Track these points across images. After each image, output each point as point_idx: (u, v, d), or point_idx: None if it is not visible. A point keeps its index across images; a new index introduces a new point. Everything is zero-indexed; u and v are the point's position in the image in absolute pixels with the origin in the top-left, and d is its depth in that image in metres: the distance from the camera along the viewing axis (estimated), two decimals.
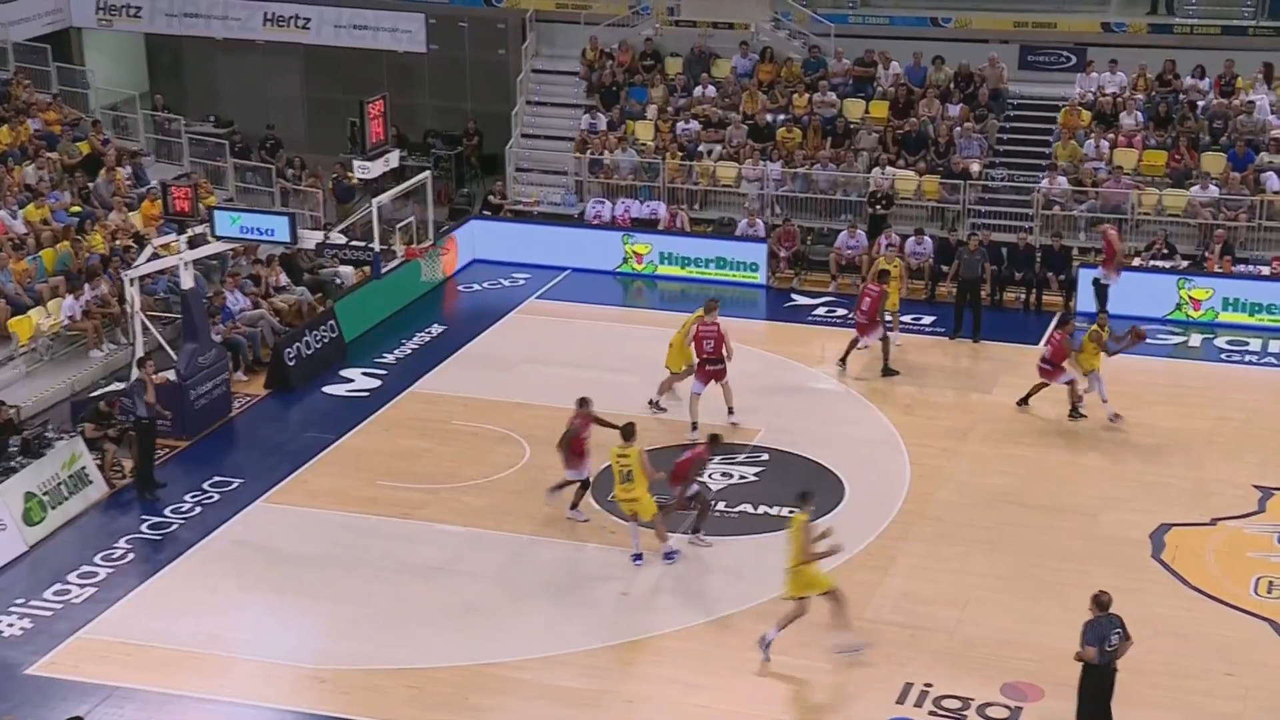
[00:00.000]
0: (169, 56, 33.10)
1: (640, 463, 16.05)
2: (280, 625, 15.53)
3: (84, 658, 14.97)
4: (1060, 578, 15.76)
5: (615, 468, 16.18)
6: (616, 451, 16.15)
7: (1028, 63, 28.25)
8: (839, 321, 23.45)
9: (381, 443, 19.66)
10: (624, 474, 16.10)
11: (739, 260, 25.47)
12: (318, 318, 22.72)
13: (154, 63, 33.30)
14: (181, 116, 29.40)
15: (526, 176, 28.96)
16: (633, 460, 16.03)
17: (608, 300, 25.14)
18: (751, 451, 19.06)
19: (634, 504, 16.17)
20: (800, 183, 26.89)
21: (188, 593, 16.15)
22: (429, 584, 16.14)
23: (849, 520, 17.30)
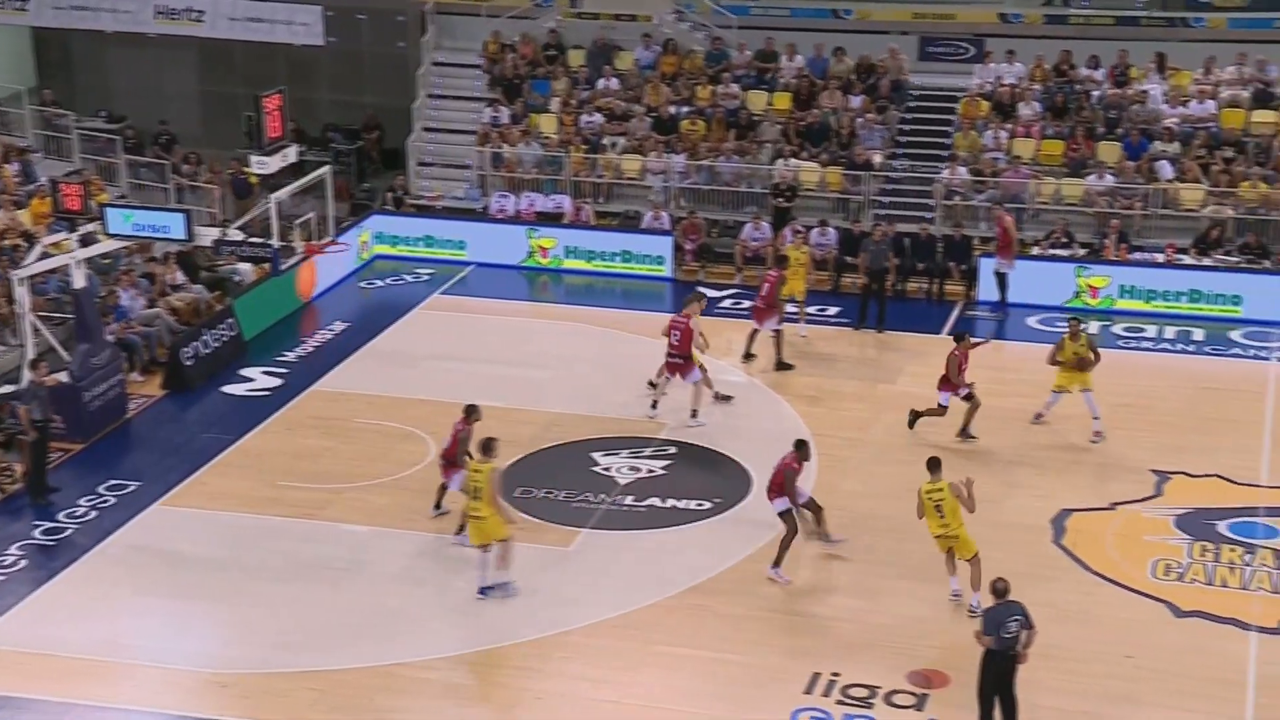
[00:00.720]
0: (57, 50, 32.39)
1: (490, 482, 15.22)
2: (180, 630, 15.28)
3: None
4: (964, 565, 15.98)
5: (468, 482, 15.56)
6: (472, 466, 15.53)
7: (927, 54, 28.62)
8: (745, 313, 23.54)
9: (283, 442, 19.43)
10: (473, 490, 15.38)
11: (644, 253, 25.52)
12: (215, 316, 22.38)
13: (42, 57, 32.57)
14: (71, 112, 28.79)
15: (429, 171, 28.76)
16: (483, 478, 15.24)
17: (513, 295, 25.06)
18: (659, 445, 19.10)
19: (479, 523, 15.36)
20: (705, 175, 26.99)
21: (84, 599, 15.84)
22: (333, 585, 15.97)
23: (756, 512, 17.42)
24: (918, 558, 16.26)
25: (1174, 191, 25.20)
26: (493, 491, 15.24)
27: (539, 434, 19.45)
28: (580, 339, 22.81)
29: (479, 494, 15.30)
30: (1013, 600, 13.08)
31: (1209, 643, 14.86)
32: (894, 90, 27.76)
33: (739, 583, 16.02)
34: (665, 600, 15.65)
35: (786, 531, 15.97)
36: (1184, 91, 26.73)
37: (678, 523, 17.25)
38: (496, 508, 15.29)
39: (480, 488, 15.28)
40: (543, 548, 16.73)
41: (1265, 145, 25.63)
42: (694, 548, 16.72)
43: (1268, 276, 23.48)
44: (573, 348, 22.46)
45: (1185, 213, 25.07)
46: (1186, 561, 16.30)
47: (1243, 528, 16.93)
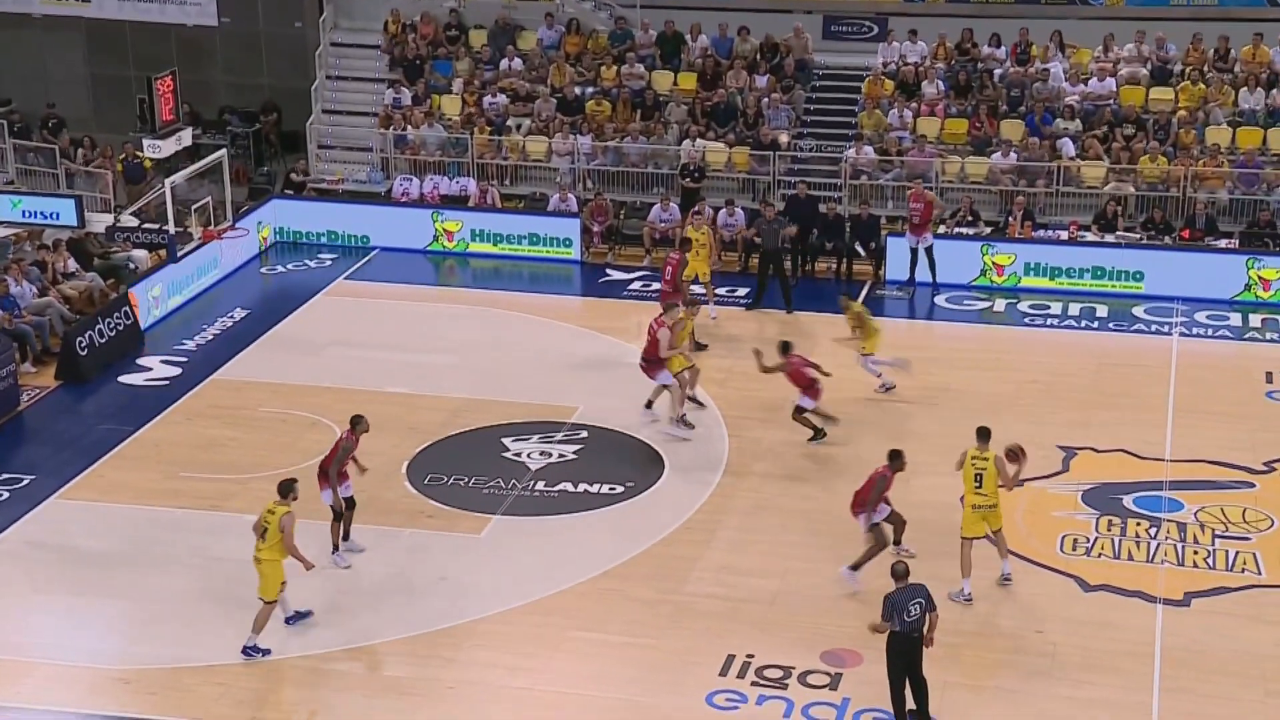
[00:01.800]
0: None
1: (282, 528, 14.17)
2: (79, 626, 15.00)
3: None
4: None
5: (259, 520, 14.37)
6: (268, 506, 14.39)
7: (831, 33, 28.82)
8: (654, 296, 23.55)
9: (184, 433, 19.12)
10: (262, 530, 14.30)
11: (552, 236, 25.45)
12: (111, 305, 21.94)
13: None
14: None
15: (329, 154, 28.42)
16: (274, 520, 14.20)
17: (419, 279, 24.87)
18: (570, 429, 19.07)
19: (258, 565, 14.31)
20: (611, 156, 26.96)
21: None
22: (237, 578, 15.72)
23: (669, 495, 17.49)
24: (828, 538, 16.41)
25: (1076, 169, 25.65)
26: (286, 538, 14.15)
27: (447, 420, 19.35)
28: (487, 323, 22.70)
29: (266, 535, 14.20)
30: (914, 583, 13.25)
31: (1117, 616, 15.18)
32: (799, 69, 27.92)
33: (652, 567, 16.07)
34: (578, 586, 15.66)
35: (874, 544, 15.29)
36: (1084, 69, 27.20)
37: (590, 507, 17.25)
38: (289, 553, 14.20)
39: (268, 528, 14.18)
40: (454, 535, 16.66)
41: (1164, 122, 26.16)
42: (606, 532, 16.74)
43: (1169, 252, 23.99)
44: (480, 332, 22.35)
45: (1088, 190, 25.53)
46: (1094, 536, 16.62)
47: (1148, 501, 17.31)
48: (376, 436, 18.71)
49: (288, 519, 14.23)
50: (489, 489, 17.63)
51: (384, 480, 17.76)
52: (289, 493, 14.44)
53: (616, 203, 26.39)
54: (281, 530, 14.19)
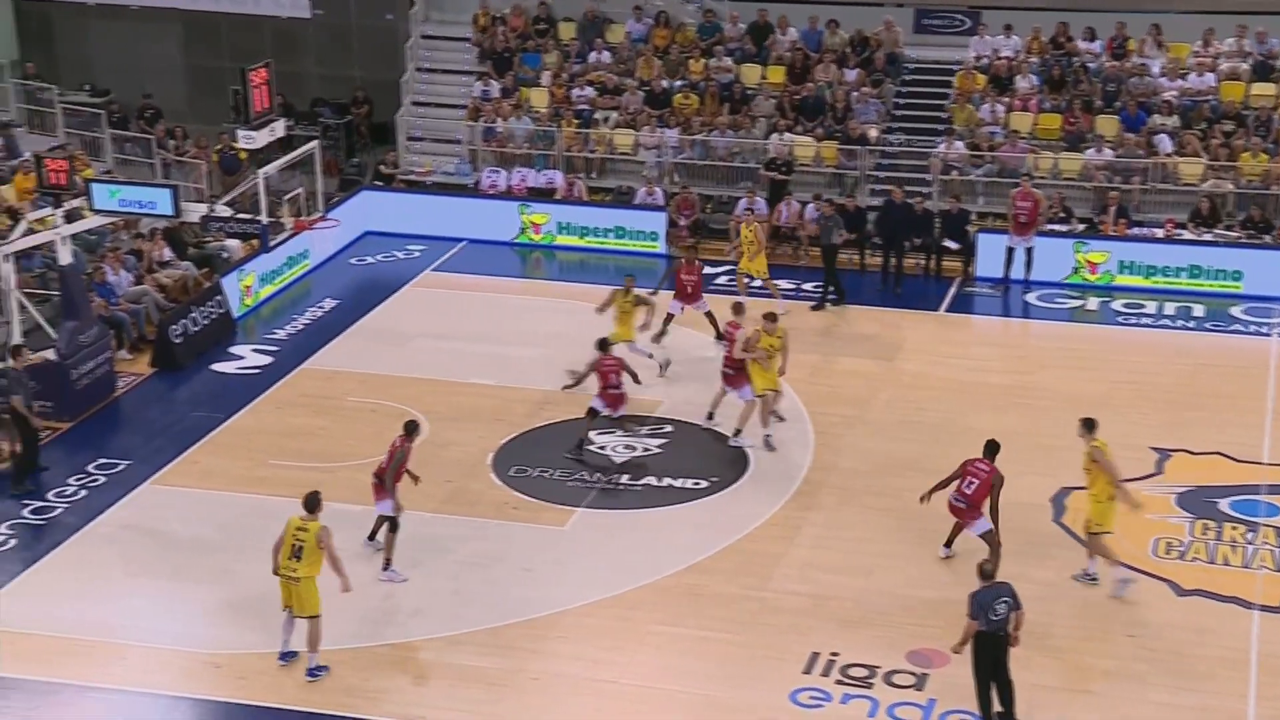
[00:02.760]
0: (38, 23, 32.16)
1: (319, 542, 13.81)
2: (171, 610, 15.28)
3: None
4: (963, 544, 16.00)
5: (288, 539, 13.89)
6: (296, 523, 13.94)
7: (922, 26, 28.54)
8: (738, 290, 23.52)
9: (274, 421, 19.40)
10: (294, 549, 13.86)
11: (638, 229, 25.49)
12: (204, 293, 22.31)
13: (23, 30, 32.33)
14: (55, 86, 28.62)
15: (419, 146, 28.66)
16: (309, 537, 13.81)
17: (505, 272, 25.03)
18: (655, 424, 19.09)
19: (293, 587, 13.90)
20: (698, 149, 26.93)
21: (73, 579, 15.82)
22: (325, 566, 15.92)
23: (753, 490, 17.46)
24: (913, 535, 16.30)
25: (1173, 166, 25.20)
26: (329, 552, 13.84)
27: (533, 412, 19.45)
28: (573, 316, 22.78)
29: (300, 553, 13.79)
30: (1000, 581, 13.12)
31: (1211, 622, 14.92)
32: (889, 63, 27.70)
33: (736, 562, 16.05)
34: (661, 580, 15.68)
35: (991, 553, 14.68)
36: (1182, 64, 26.71)
37: (674, 502, 17.26)
38: (333, 567, 13.89)
39: (304, 546, 13.78)
40: (537, 527, 16.76)
41: (1265, 118, 25.63)
42: (690, 527, 16.75)
43: (1269, 251, 23.51)
44: (566, 325, 22.44)
45: (1185, 187, 25.08)
46: (1188, 540, 16.35)
47: (1245, 506, 16.99)
48: (462, 428, 18.96)
49: (325, 533, 13.83)
50: (573, 482, 17.70)
51: (470, 472, 17.92)
52: (318, 506, 14.02)
53: (703, 196, 26.37)
54: (322, 545, 13.79)
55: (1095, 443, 15.16)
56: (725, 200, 26.34)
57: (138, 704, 13.93)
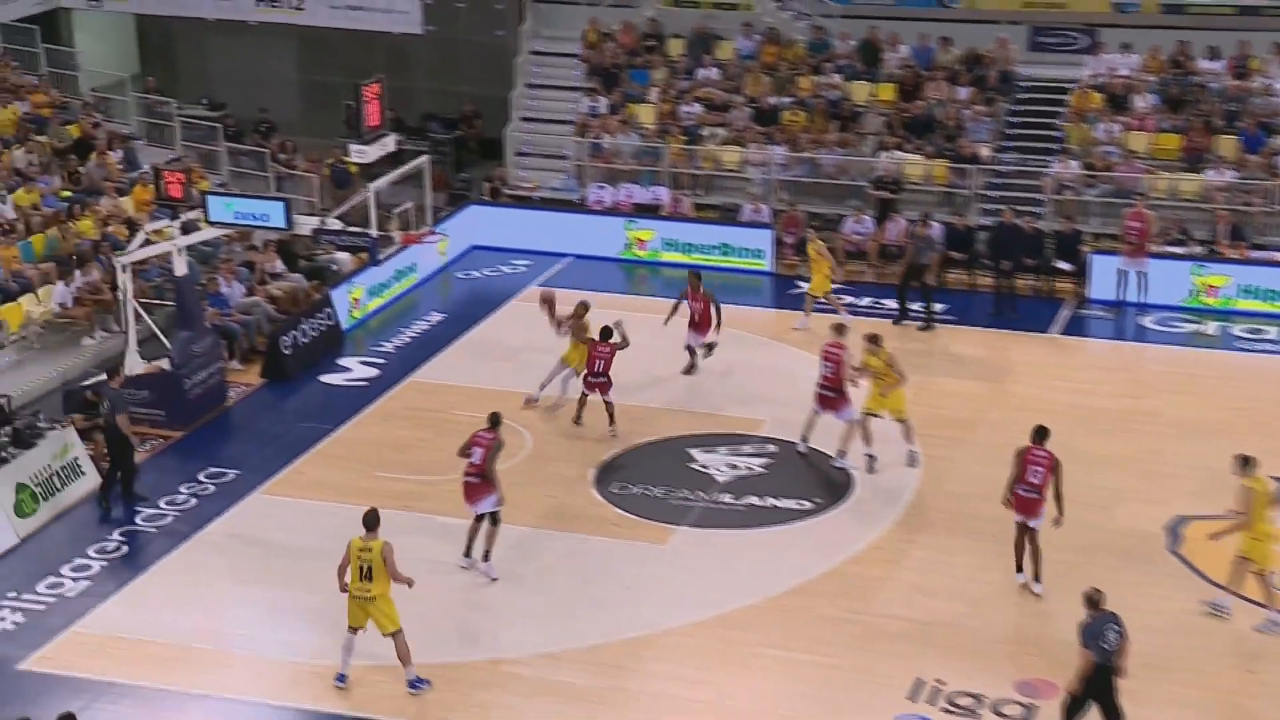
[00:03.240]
0: (160, 38, 32.96)
1: (384, 558, 13.79)
2: (278, 619, 15.48)
3: (77, 653, 14.93)
4: (1073, 572, 15.68)
5: (354, 561, 13.88)
6: (358, 544, 13.89)
7: (1037, 44, 28.12)
8: (847, 310, 23.37)
9: (380, 433, 19.61)
10: (363, 569, 13.84)
11: (744, 246, 25.41)
12: (314, 306, 22.64)
13: (144, 44, 33.17)
14: (173, 99, 29.29)
15: (526, 161, 28.86)
16: (375, 556, 13.77)
17: (610, 287, 25.06)
18: (758, 443, 18.99)
19: (368, 605, 13.86)
20: (806, 167, 26.80)
21: (183, 586, 16.10)
22: (429, 577, 16.03)
23: (858, 513, 17.27)
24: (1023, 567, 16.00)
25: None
26: (392, 568, 13.84)
27: (635, 429, 19.45)
28: (677, 333, 22.73)
29: (370, 573, 13.77)
30: (1108, 610, 12.81)
31: None
32: (1002, 81, 27.35)
33: (840, 585, 15.90)
34: (763, 601, 15.58)
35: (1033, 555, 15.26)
36: None
37: (777, 522, 17.16)
38: (398, 581, 13.90)
39: (372, 564, 13.77)
40: (639, 545, 16.74)
41: None
42: (794, 548, 16.63)
43: None
44: (670, 341, 22.39)
45: None
46: None
47: None
48: (565, 443, 19.00)
49: (388, 549, 13.80)
50: (675, 500, 17.66)
51: (571, 487, 17.96)
52: (377, 524, 13.97)
53: (810, 214, 26.22)
54: (386, 562, 13.79)
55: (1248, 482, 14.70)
56: (832, 218, 26.15)
57: (243, 711, 14.13)
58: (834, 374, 18.17)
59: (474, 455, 15.91)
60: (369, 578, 13.83)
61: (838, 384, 18.18)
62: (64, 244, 22.66)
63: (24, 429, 17.88)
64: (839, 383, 18.17)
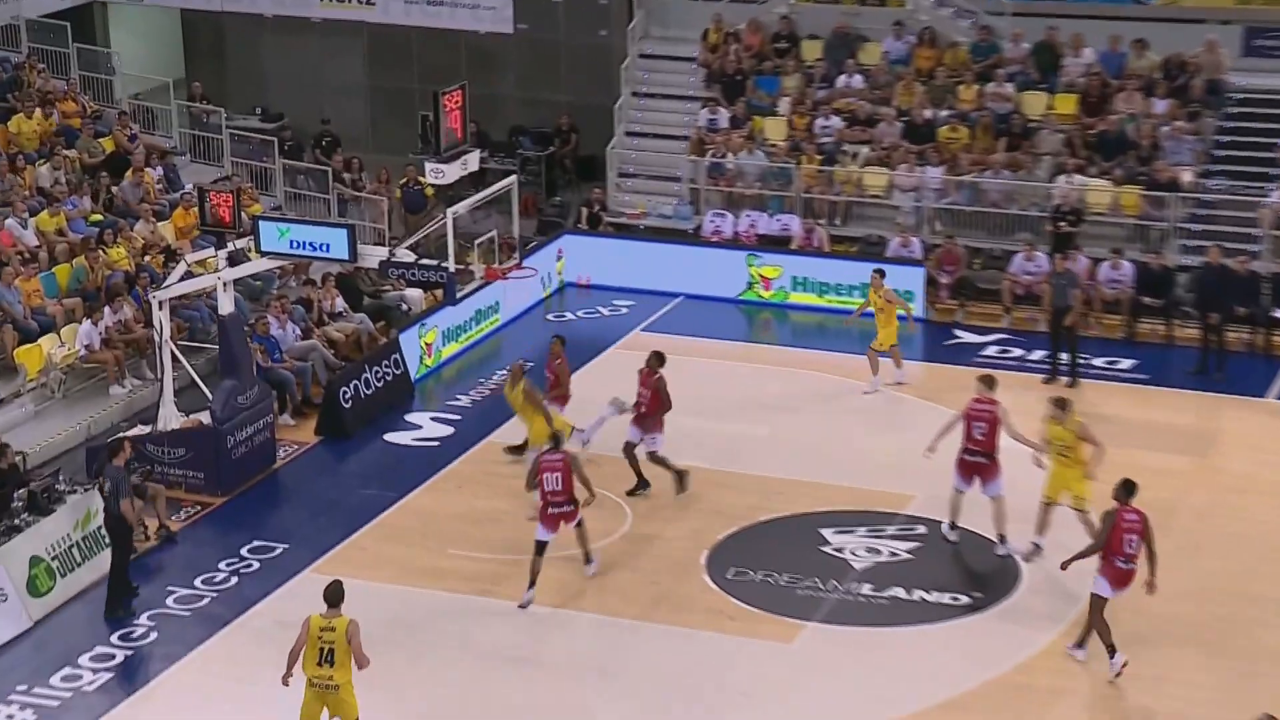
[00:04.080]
0: (209, 38, 33.74)
1: (346, 639, 13.85)
2: None
3: None
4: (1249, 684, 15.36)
5: (312, 642, 13.98)
6: (319, 622, 13.95)
7: (1254, 48, 27.79)
8: (1014, 364, 23.13)
9: (454, 503, 19.74)
10: (324, 653, 13.90)
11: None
12: (379, 351, 22.93)
13: (191, 45, 33.96)
14: (222, 109, 29.92)
15: (631, 183, 29.08)
16: (338, 636, 13.85)
17: (729, 334, 25.08)
18: (905, 523, 18.82)
19: (329, 695, 13.96)
20: (967, 193, 26.67)
21: (221, 681, 16.30)
22: (508, 675, 16.11)
23: (1027, 610, 17.04)
24: (1236, 676, 15.63)
25: None
26: (357, 650, 13.91)
27: (757, 504, 19.40)
28: (809, 389, 22.69)
29: (331, 657, 13.87)
30: None
31: None
32: (1210, 92, 27.05)
33: (1004, 699, 15.69)
34: (910, 715, 15.37)
35: None
36: None
37: (927, 620, 16.98)
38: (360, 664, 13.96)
39: (335, 647, 13.84)
40: (759, 642, 16.65)
41: None
42: (947, 652, 16.44)
43: None
44: (800, 400, 22.34)
45: None
46: None
47: None
48: (673, 520, 18.98)
49: (354, 628, 13.89)
50: (804, 589, 17.56)
51: (680, 572, 17.93)
52: (340, 598, 14.02)
53: (970, 249, 26.04)
54: (351, 643, 13.86)
55: None
56: (998, 255, 25.96)
57: None
58: (986, 437, 18.00)
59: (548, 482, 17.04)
60: (329, 662, 13.87)
61: (990, 449, 18.00)
62: (92, 276, 23.19)
63: (40, 492, 18.16)
64: (991, 448, 18.00)
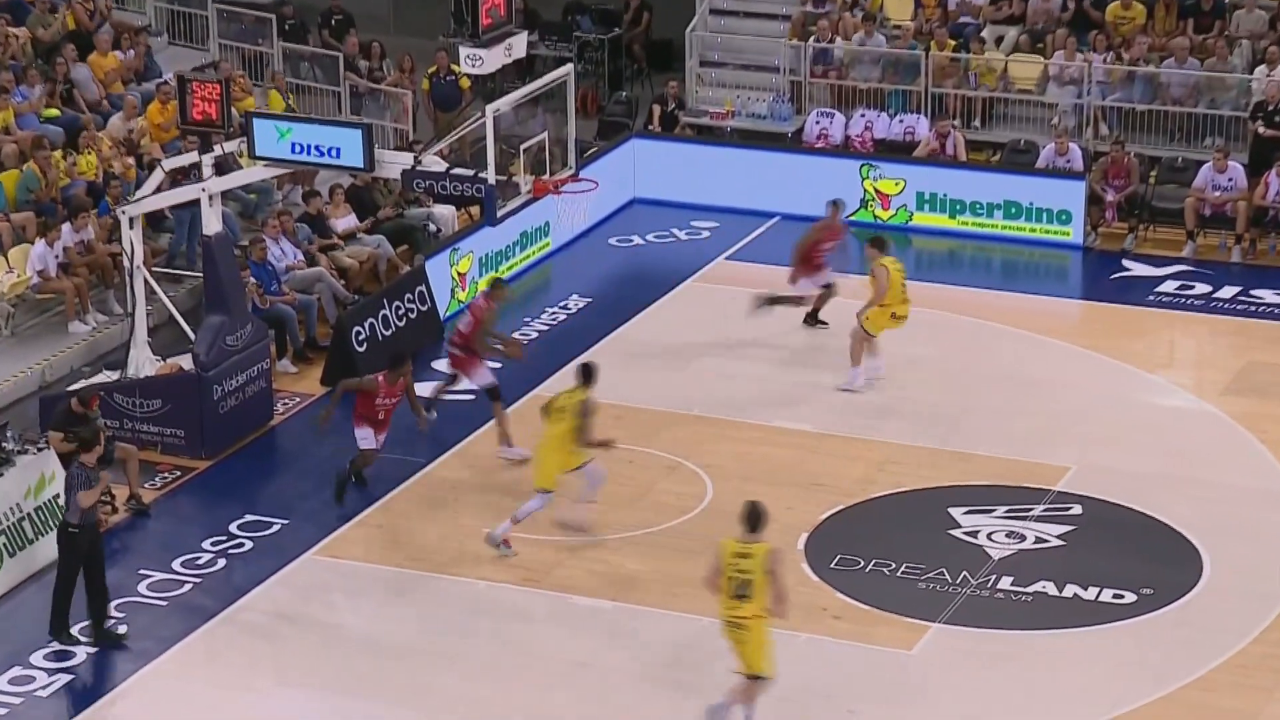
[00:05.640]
0: None
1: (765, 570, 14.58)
2: None
3: None
4: None
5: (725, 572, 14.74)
6: (733, 548, 14.71)
7: None
8: (1199, 303, 23.02)
9: (491, 471, 19.88)
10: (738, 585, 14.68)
11: (1041, 207, 25.29)
12: (401, 282, 23.05)
13: None
14: None
15: (716, 74, 29.02)
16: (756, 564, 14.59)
17: (836, 264, 25.00)
18: (1056, 500, 18.84)
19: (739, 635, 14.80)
20: (1142, 88, 26.50)
21: (204, 685, 16.47)
22: (562, 685, 16.25)
23: (1210, 609, 17.07)
24: None
25: None
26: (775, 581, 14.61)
27: (869, 476, 19.50)
28: (938, 334, 22.66)
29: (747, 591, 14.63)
30: None
31: None
32: None
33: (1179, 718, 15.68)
34: None
35: None
36: None
37: (1084, 621, 17.00)
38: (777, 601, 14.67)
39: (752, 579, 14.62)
40: (872, 648, 16.73)
41: None
42: (1110, 660, 16.46)
43: None
44: (926, 347, 22.33)
45: None
46: None
47: None
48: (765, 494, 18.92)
49: (775, 557, 14.67)
50: (927, 583, 17.63)
51: None
52: (762, 522, 14.81)
53: (1146, 159, 25.88)
54: (770, 573, 14.60)
55: None
56: (1180, 165, 25.78)
57: None
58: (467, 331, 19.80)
59: None
60: (744, 595, 14.65)
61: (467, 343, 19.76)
62: (46, 185, 23.31)
63: None
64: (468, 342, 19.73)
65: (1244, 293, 23.44)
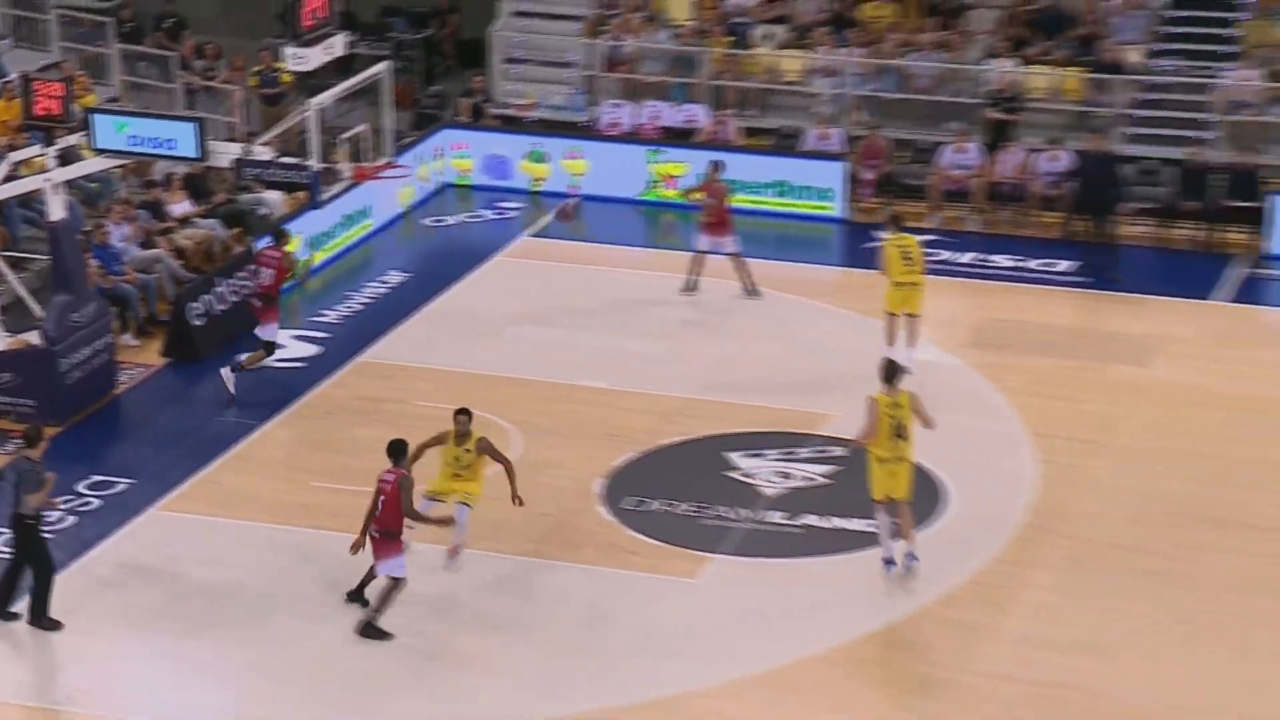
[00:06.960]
0: None
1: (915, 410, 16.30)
2: (183, 677, 15.62)
3: None
4: (1249, 619, 15.78)
5: (884, 419, 16.17)
6: (886, 400, 16.19)
7: None
8: (943, 268, 23.42)
9: (321, 431, 19.79)
10: (896, 427, 16.16)
11: (806, 185, 25.52)
12: (234, 261, 22.82)
13: None
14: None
15: (519, 70, 28.96)
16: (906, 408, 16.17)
17: (627, 239, 25.19)
18: (820, 445, 19.08)
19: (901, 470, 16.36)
20: (892, 79, 26.85)
21: (55, 635, 16.22)
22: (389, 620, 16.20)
23: (952, 538, 17.35)
24: (1180, 606, 16.06)
25: None
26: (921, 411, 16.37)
27: (657, 426, 19.60)
28: (715, 300, 22.84)
29: (904, 432, 16.24)
30: None
31: None
32: None
33: (928, 634, 16.00)
34: (827, 653, 15.66)
35: None
36: None
37: (844, 549, 17.23)
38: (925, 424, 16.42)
39: (906, 421, 16.26)
40: (662, 579, 16.85)
41: None
42: (866, 584, 16.70)
43: None
44: (705, 312, 22.51)
45: None
46: None
47: None
48: (566, 444, 19.13)
49: (918, 400, 16.26)
50: (709, 519, 17.77)
51: (573, 502, 18.08)
52: (898, 374, 16.41)
53: (896, 141, 26.24)
54: (918, 413, 16.30)
55: None
56: (926, 147, 26.18)
57: None
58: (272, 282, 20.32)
59: None
60: (903, 436, 16.11)
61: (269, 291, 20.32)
62: None
63: None
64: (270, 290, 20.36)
65: (981, 258, 23.90)
